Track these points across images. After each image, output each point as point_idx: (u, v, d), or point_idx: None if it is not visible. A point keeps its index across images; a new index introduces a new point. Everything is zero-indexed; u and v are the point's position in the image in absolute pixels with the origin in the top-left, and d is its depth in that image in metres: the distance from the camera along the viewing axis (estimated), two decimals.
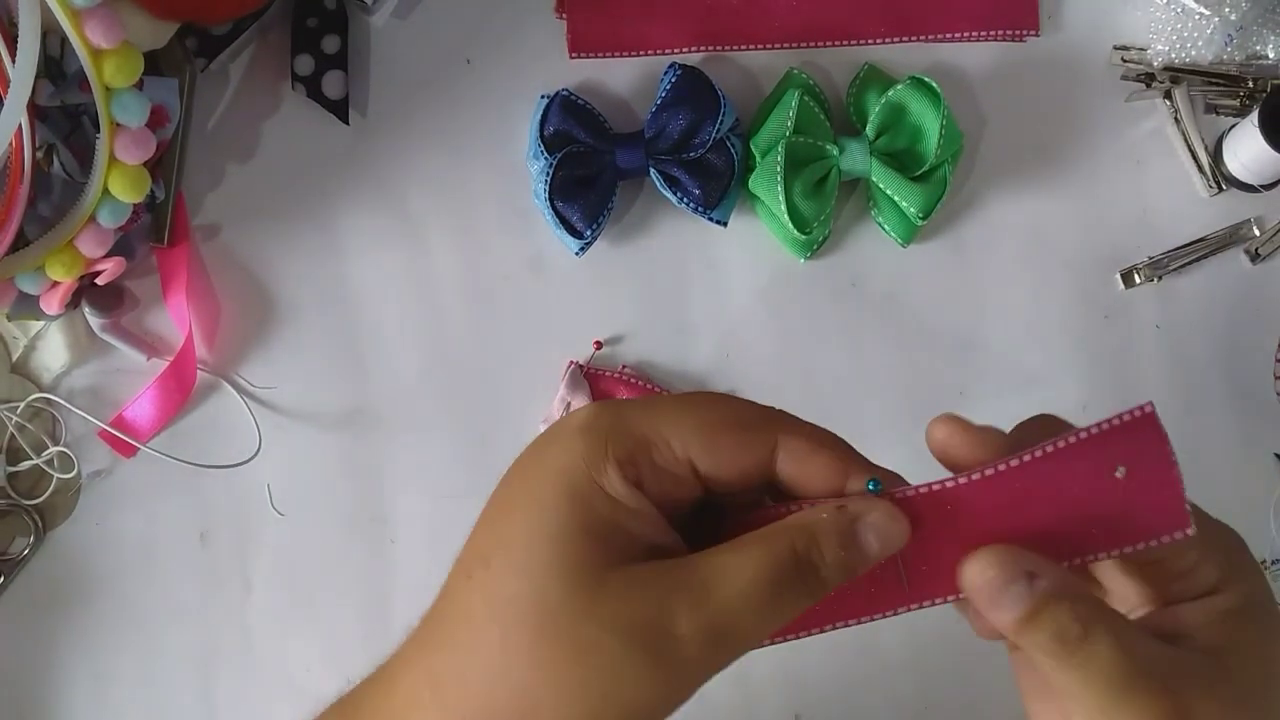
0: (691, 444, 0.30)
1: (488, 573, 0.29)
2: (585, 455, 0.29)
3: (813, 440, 0.31)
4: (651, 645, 0.28)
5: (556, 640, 0.28)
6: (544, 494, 0.29)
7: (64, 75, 0.49)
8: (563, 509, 0.29)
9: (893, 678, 0.54)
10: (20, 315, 0.53)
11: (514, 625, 0.28)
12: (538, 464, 0.30)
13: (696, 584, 0.28)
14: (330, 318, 0.56)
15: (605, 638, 0.28)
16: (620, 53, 0.56)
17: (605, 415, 0.30)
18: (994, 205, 0.56)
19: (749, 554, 0.29)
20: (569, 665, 0.28)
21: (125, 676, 0.55)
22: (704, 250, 0.56)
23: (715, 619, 0.28)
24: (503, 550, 0.29)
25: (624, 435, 0.30)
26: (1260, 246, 0.56)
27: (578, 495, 0.29)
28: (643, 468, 0.30)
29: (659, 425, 0.30)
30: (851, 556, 0.29)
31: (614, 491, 0.29)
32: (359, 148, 0.56)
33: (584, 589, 0.28)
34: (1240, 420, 0.55)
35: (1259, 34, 0.56)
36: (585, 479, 0.29)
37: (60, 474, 0.55)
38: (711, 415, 0.31)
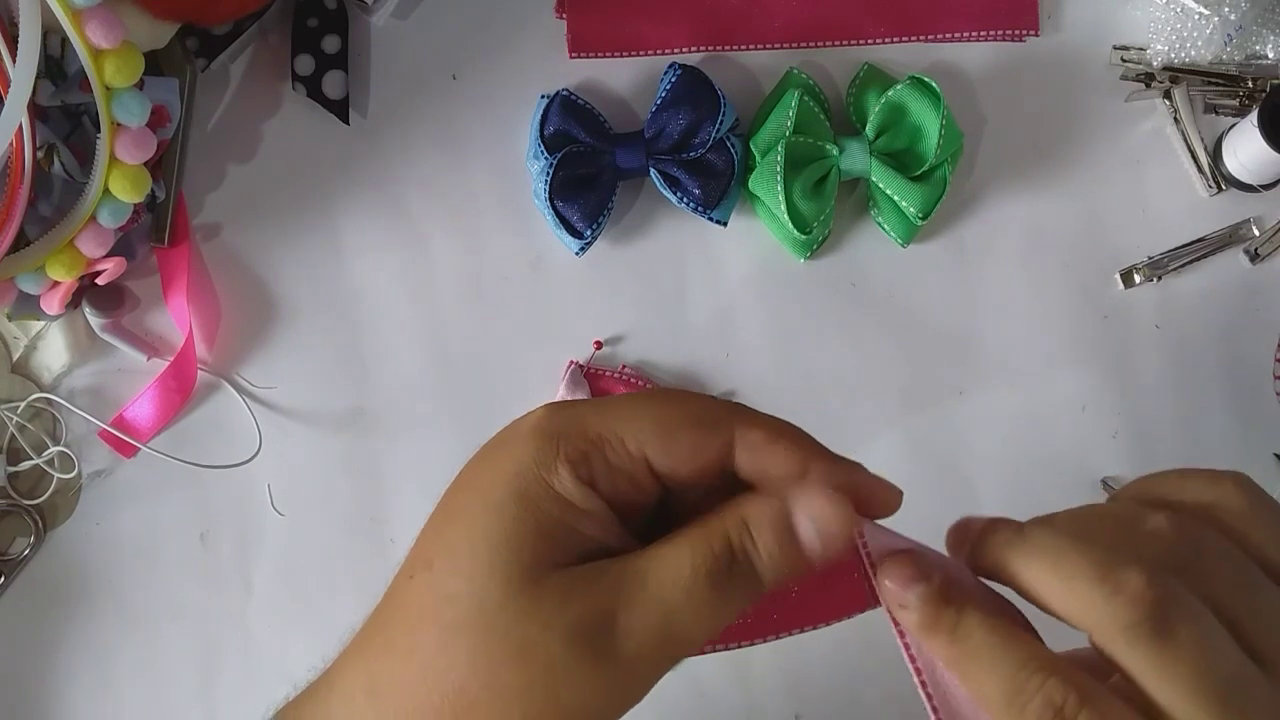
0: (647, 441, 0.29)
1: (430, 574, 0.29)
2: (536, 456, 0.29)
3: (770, 432, 0.30)
4: (591, 644, 0.27)
5: (496, 641, 0.27)
6: (492, 495, 0.29)
7: (64, 75, 0.49)
8: (508, 510, 0.28)
9: (892, 677, 0.54)
10: (21, 315, 0.53)
11: (453, 626, 0.28)
12: (488, 466, 0.30)
13: (634, 580, 0.28)
14: (330, 318, 0.56)
15: (545, 637, 0.27)
16: (620, 53, 0.56)
17: (558, 416, 0.30)
18: (994, 205, 0.56)
19: (684, 547, 0.28)
20: (509, 666, 0.27)
21: (125, 676, 0.55)
22: (704, 250, 0.56)
23: (654, 615, 0.28)
24: (446, 552, 0.29)
25: (576, 434, 0.29)
26: (1260, 246, 0.56)
27: (526, 496, 0.28)
28: (596, 466, 0.29)
29: (613, 423, 0.29)
30: (789, 550, 0.28)
31: (565, 491, 0.29)
32: (359, 148, 0.56)
33: (525, 589, 0.28)
34: (1240, 420, 0.55)
35: (1258, 34, 0.56)
36: (535, 479, 0.29)
37: (61, 474, 0.55)
38: (667, 411, 0.30)
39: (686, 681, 0.54)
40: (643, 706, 0.53)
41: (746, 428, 0.30)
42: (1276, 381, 0.55)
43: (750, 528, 0.28)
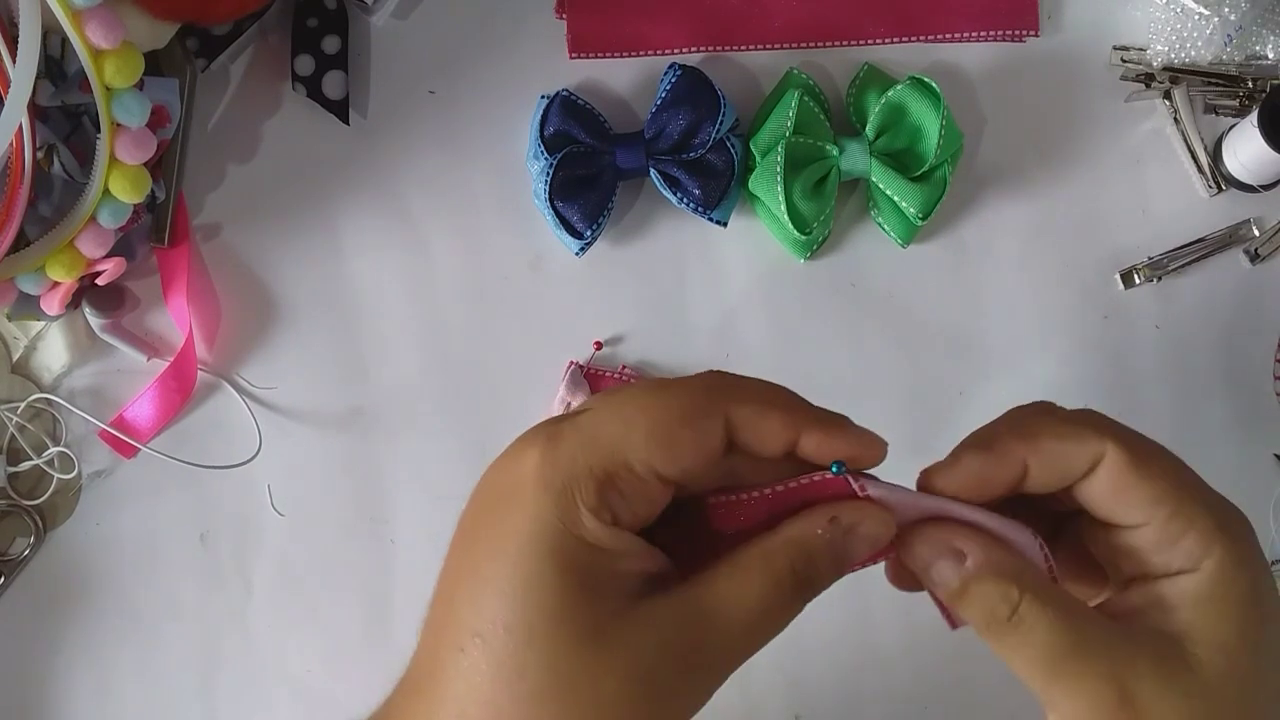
0: (651, 456, 0.29)
1: (487, 647, 0.28)
2: (557, 512, 0.29)
3: (760, 403, 0.30)
4: (671, 685, 0.28)
5: (578, 704, 0.27)
6: (526, 564, 0.28)
7: (64, 75, 0.49)
8: (549, 576, 0.28)
9: (892, 677, 0.54)
10: (21, 315, 0.53)
11: (530, 696, 0.28)
12: (505, 527, 0.29)
13: (705, 618, 0.28)
14: (330, 318, 0.56)
15: (626, 689, 0.28)
16: (620, 53, 0.56)
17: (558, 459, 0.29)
18: (994, 205, 0.56)
19: (751, 580, 0.29)
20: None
21: (125, 677, 0.55)
22: (704, 250, 0.56)
23: (725, 646, 0.29)
24: (497, 625, 0.28)
25: (586, 478, 0.29)
26: (1260, 247, 0.56)
27: (561, 556, 0.28)
28: (615, 503, 0.29)
29: (613, 451, 0.29)
30: (843, 565, 0.30)
31: (597, 540, 0.29)
32: (359, 148, 0.56)
33: (594, 647, 0.28)
34: (1240, 420, 0.55)
35: (1258, 34, 0.56)
36: (565, 537, 0.28)
37: (61, 474, 0.55)
38: (658, 416, 0.30)
39: None
40: None
41: (738, 405, 0.30)
42: (1276, 382, 0.55)
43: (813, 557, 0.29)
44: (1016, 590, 0.29)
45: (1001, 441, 0.31)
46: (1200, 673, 0.29)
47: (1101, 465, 0.30)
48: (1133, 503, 0.30)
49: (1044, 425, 0.31)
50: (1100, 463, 0.30)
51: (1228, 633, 0.29)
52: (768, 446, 0.30)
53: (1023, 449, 0.31)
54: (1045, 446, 0.31)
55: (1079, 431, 0.31)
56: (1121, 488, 0.30)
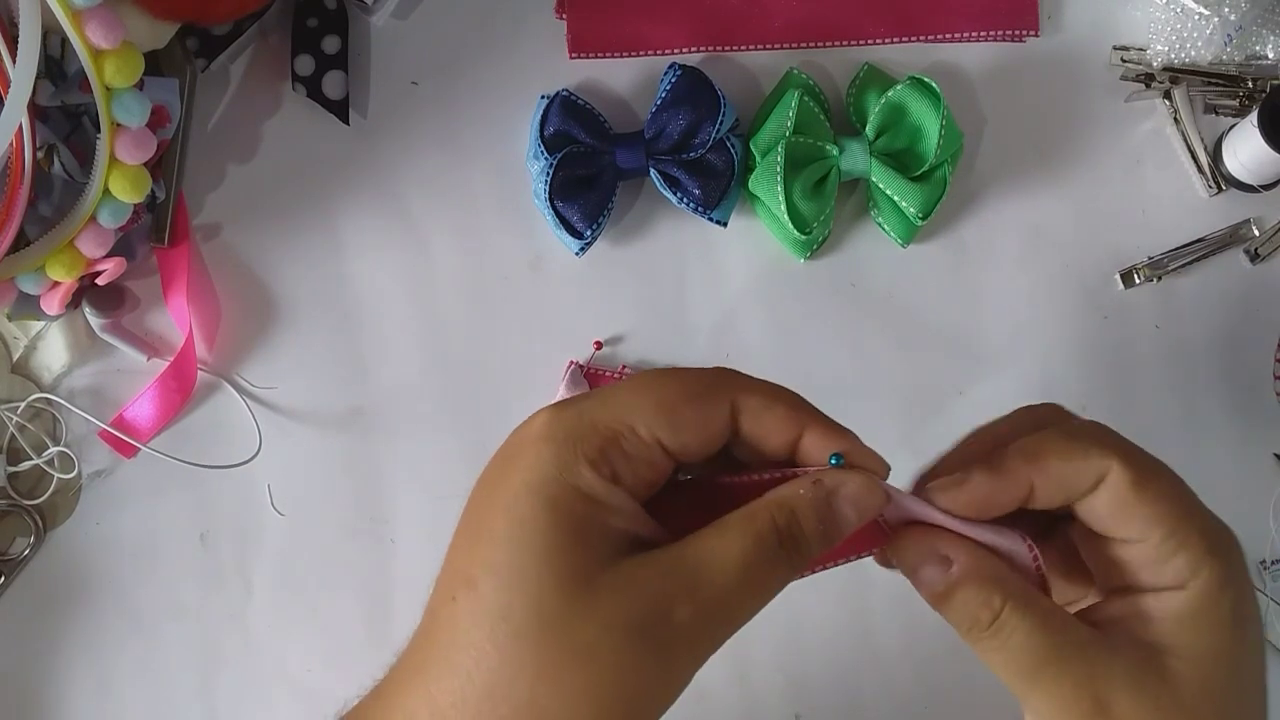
0: (656, 425, 0.30)
1: (475, 593, 0.29)
2: (556, 461, 0.29)
3: (767, 396, 0.31)
4: (653, 637, 0.28)
5: (559, 647, 0.28)
6: (520, 508, 0.29)
7: (64, 75, 0.49)
8: (542, 519, 0.29)
9: (892, 677, 0.54)
10: (21, 315, 0.53)
11: (512, 639, 0.28)
12: (506, 479, 0.30)
13: (688, 572, 0.29)
14: (330, 318, 0.56)
15: (607, 637, 0.28)
16: (620, 53, 0.56)
17: (566, 417, 0.30)
18: (994, 205, 0.56)
19: (734, 535, 0.29)
20: (575, 670, 0.28)
21: (125, 676, 0.55)
22: (704, 250, 0.56)
23: (710, 602, 0.29)
24: (487, 569, 0.29)
25: (590, 433, 0.30)
26: (1260, 247, 0.56)
27: (556, 503, 0.29)
28: (615, 461, 0.30)
29: (621, 415, 0.30)
30: (830, 528, 0.30)
31: (592, 491, 0.29)
32: (359, 148, 0.56)
33: (579, 593, 0.28)
34: (1240, 420, 0.55)
35: (1258, 34, 0.56)
36: (560, 485, 0.29)
37: (61, 474, 0.55)
38: (668, 392, 0.31)
39: None
40: None
41: (745, 394, 0.31)
42: (1277, 381, 0.55)
43: (796, 513, 0.30)
44: (999, 598, 0.30)
45: (1009, 464, 0.31)
46: (1176, 686, 0.29)
47: (1104, 483, 0.31)
48: (1131, 521, 0.31)
49: (1051, 446, 0.31)
50: (1103, 480, 0.31)
51: (1207, 649, 0.30)
52: (771, 438, 0.31)
53: (1029, 471, 0.31)
54: (1052, 468, 0.31)
55: (1085, 450, 0.31)
56: (1122, 506, 0.31)
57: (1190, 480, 0.54)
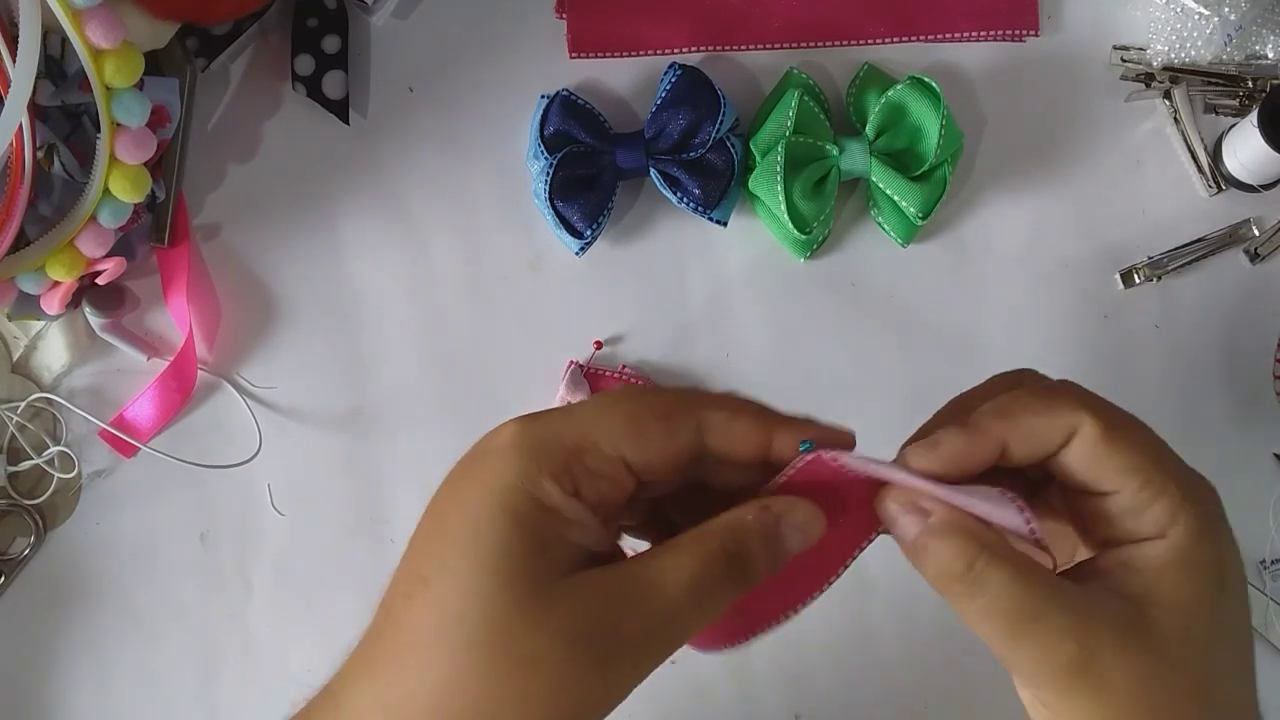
0: (620, 441, 0.31)
1: (430, 593, 0.29)
2: (519, 471, 0.30)
3: (731, 409, 0.32)
4: (600, 649, 0.28)
5: (507, 653, 0.28)
6: (480, 512, 0.29)
7: (64, 75, 0.49)
8: (500, 526, 0.29)
9: (892, 677, 0.54)
10: (21, 315, 0.53)
11: (463, 642, 0.28)
12: (470, 483, 0.31)
13: (638, 587, 0.29)
14: (330, 318, 0.56)
15: (555, 647, 0.28)
16: (620, 53, 0.56)
17: (533, 430, 0.31)
18: (993, 205, 0.56)
19: (685, 557, 0.30)
20: (521, 677, 0.28)
21: (125, 676, 0.55)
22: (704, 250, 0.56)
23: (658, 619, 0.29)
24: (443, 570, 0.29)
25: (555, 447, 0.30)
26: (1259, 246, 0.56)
27: (515, 511, 0.29)
28: (578, 475, 0.30)
29: (587, 431, 0.31)
30: (775, 552, 0.31)
31: (552, 503, 0.30)
32: (359, 148, 0.56)
33: (531, 601, 0.28)
34: (1240, 420, 0.55)
35: (1258, 34, 0.56)
36: (521, 495, 0.29)
37: (61, 474, 0.55)
38: (634, 409, 0.31)
39: (687, 681, 0.54)
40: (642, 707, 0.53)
41: (709, 411, 0.32)
42: (1277, 381, 0.55)
43: (747, 541, 0.30)
44: (974, 546, 0.30)
45: (980, 422, 0.32)
46: (1158, 634, 0.29)
47: (1076, 437, 0.31)
48: (1106, 472, 0.31)
49: (1021, 403, 0.32)
50: (1075, 435, 0.31)
51: (1187, 597, 0.30)
52: (739, 448, 0.32)
53: (1001, 428, 0.31)
54: (1024, 423, 0.31)
55: (1055, 406, 0.31)
56: (1096, 458, 0.31)
57: None
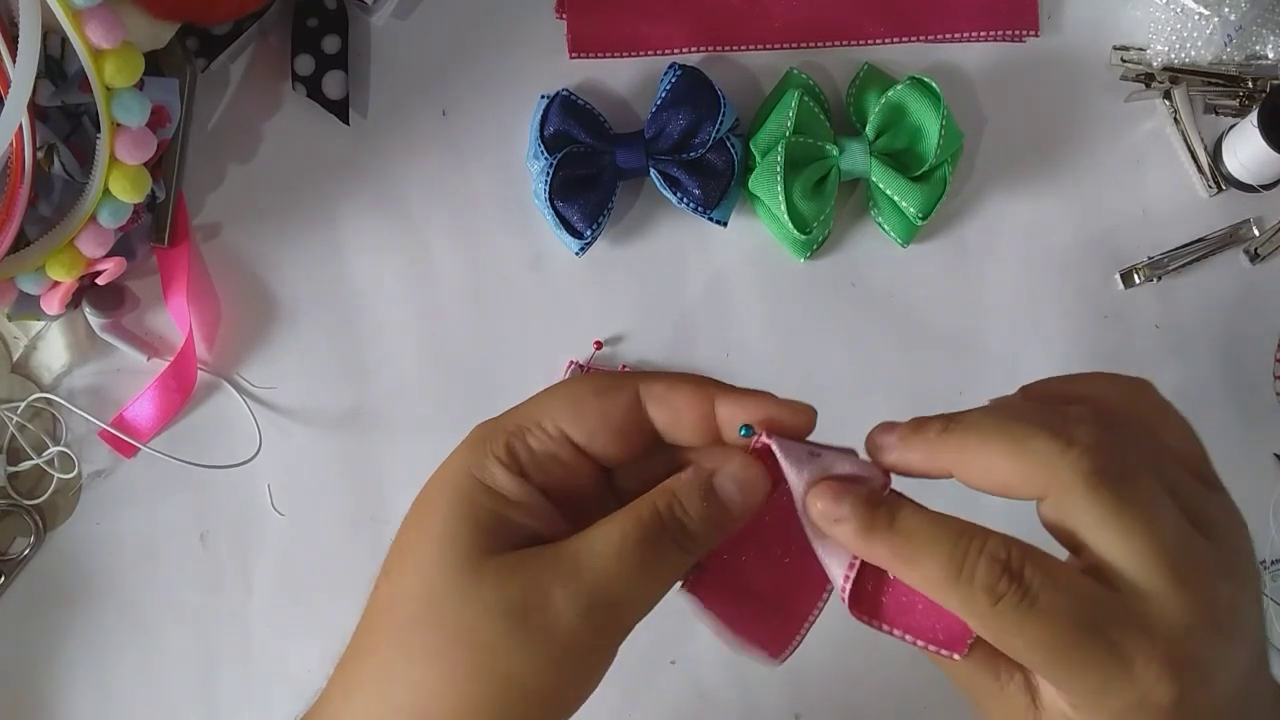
0: (560, 418, 0.31)
1: (387, 578, 0.31)
2: (466, 457, 0.31)
3: (669, 380, 0.32)
4: (529, 621, 0.28)
5: (441, 629, 0.29)
6: (431, 500, 0.31)
7: (64, 75, 0.49)
8: (443, 507, 0.30)
9: (892, 677, 0.54)
10: (21, 315, 0.53)
11: (404, 622, 0.30)
12: (432, 480, 0.32)
13: (567, 558, 0.29)
14: (330, 318, 0.56)
15: (484, 619, 0.29)
16: (620, 53, 0.56)
17: (488, 423, 0.32)
18: (994, 205, 0.56)
19: (615, 523, 0.30)
20: (454, 651, 0.29)
21: (126, 676, 0.55)
22: (704, 250, 0.56)
23: (588, 588, 0.29)
24: (398, 555, 0.31)
25: (499, 432, 0.31)
26: (1259, 246, 0.56)
27: (460, 492, 0.31)
28: (521, 455, 0.31)
29: (530, 411, 0.32)
30: (714, 507, 0.30)
31: (495, 484, 0.31)
32: (359, 148, 0.56)
33: (463, 577, 0.29)
34: (1240, 420, 0.55)
35: (1258, 34, 0.56)
36: (467, 477, 0.31)
37: (61, 474, 0.55)
38: (573, 388, 0.33)
39: (686, 681, 0.54)
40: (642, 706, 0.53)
41: (649, 383, 0.32)
42: (1277, 381, 0.55)
43: (677, 494, 0.30)
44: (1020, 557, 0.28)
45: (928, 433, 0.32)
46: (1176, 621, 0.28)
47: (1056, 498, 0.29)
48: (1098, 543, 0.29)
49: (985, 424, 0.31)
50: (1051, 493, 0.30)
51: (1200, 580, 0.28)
52: (683, 418, 0.32)
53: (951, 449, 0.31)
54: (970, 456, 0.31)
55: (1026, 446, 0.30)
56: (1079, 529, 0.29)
57: None
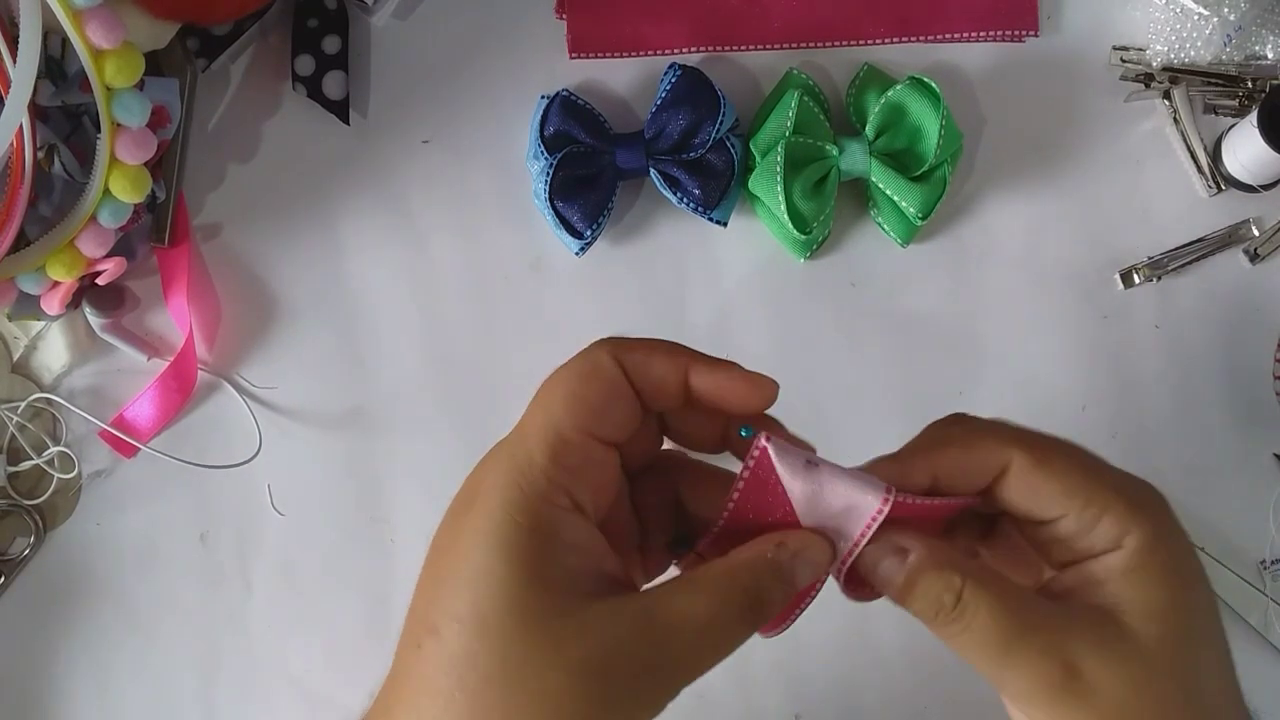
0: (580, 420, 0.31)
1: (440, 641, 0.29)
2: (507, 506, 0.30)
3: (643, 347, 0.33)
4: (618, 684, 0.28)
5: (525, 692, 0.28)
6: (477, 556, 0.29)
7: (65, 75, 0.49)
8: (500, 565, 0.29)
9: (892, 677, 0.54)
10: (21, 315, 0.53)
11: (480, 686, 0.28)
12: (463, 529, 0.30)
13: (655, 625, 0.29)
14: (331, 318, 0.56)
15: (573, 683, 0.28)
16: (620, 53, 0.57)
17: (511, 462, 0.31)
18: (993, 205, 0.56)
19: (703, 595, 0.30)
20: (540, 714, 0.28)
21: (126, 676, 0.55)
22: (704, 250, 0.56)
23: (675, 657, 0.29)
24: (451, 617, 0.29)
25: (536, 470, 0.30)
26: (1259, 246, 0.56)
27: (513, 547, 0.29)
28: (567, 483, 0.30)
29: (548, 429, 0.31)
30: (789, 589, 0.31)
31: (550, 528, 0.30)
32: (359, 148, 0.57)
33: (543, 638, 0.28)
34: (1240, 420, 0.55)
35: (1258, 34, 0.56)
36: (515, 528, 0.29)
37: (61, 474, 0.55)
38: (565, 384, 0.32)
39: None
40: None
41: (626, 352, 0.33)
42: (1276, 381, 0.55)
43: (766, 581, 0.31)
44: (959, 578, 0.30)
45: (909, 454, 0.33)
46: (1136, 640, 0.30)
47: (1010, 471, 0.32)
48: (1046, 499, 0.32)
49: (952, 438, 0.33)
50: (1008, 469, 0.32)
51: (1155, 600, 0.31)
52: (667, 386, 0.32)
53: (929, 461, 0.32)
54: (950, 457, 0.32)
55: (982, 441, 0.32)
56: (1032, 489, 0.32)
57: (1190, 480, 0.55)
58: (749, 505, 0.32)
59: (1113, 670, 0.29)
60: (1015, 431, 0.33)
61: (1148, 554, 0.31)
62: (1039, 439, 0.33)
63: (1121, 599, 0.31)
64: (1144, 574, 0.31)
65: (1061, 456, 0.32)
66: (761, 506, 0.32)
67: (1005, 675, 0.30)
